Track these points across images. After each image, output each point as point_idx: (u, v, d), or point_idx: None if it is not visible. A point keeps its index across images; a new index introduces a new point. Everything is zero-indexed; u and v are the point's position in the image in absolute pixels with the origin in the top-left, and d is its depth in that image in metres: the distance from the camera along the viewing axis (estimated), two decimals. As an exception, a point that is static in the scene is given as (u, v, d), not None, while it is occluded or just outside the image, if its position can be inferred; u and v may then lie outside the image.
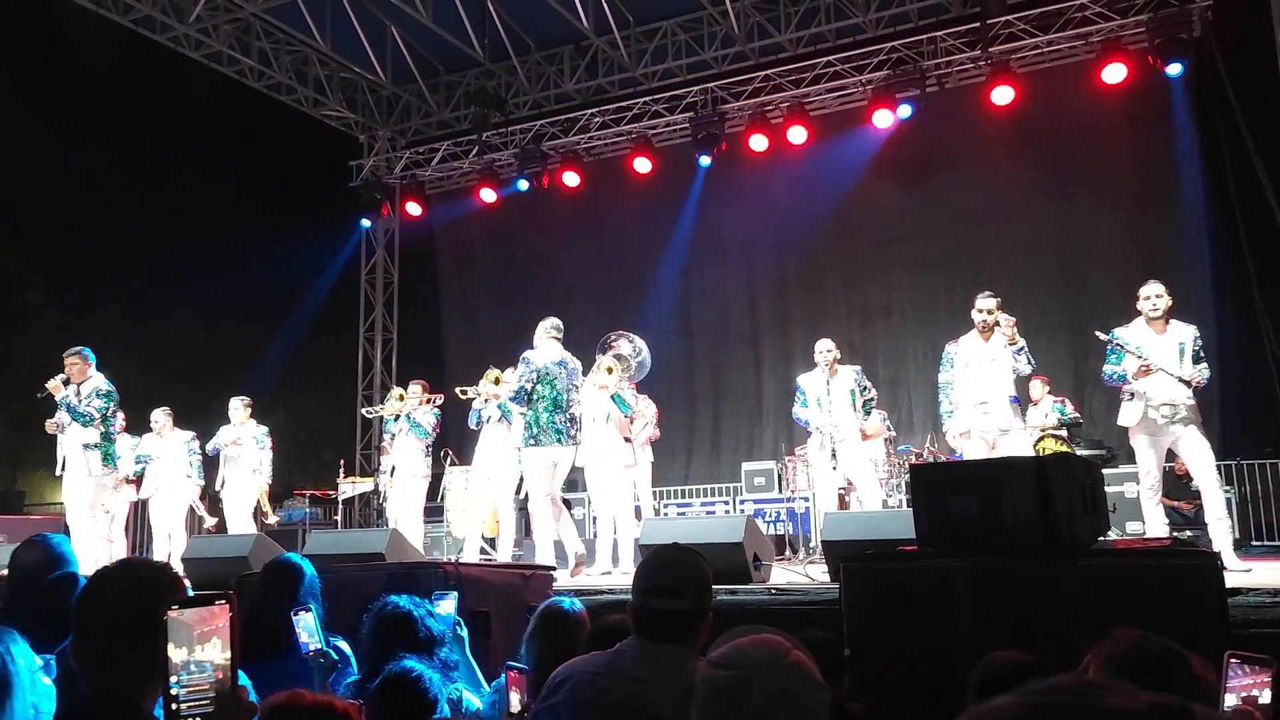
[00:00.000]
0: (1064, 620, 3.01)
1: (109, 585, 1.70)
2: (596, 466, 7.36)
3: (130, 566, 1.89)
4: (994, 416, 6.45)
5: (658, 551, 2.34)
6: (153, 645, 1.60)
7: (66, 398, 7.26)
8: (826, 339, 7.61)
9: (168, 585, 1.68)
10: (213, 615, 1.48)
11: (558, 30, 12.37)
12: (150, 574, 1.74)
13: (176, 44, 11.78)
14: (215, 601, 1.49)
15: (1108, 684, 0.56)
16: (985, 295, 6.73)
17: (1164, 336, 6.02)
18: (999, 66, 10.59)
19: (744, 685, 1.33)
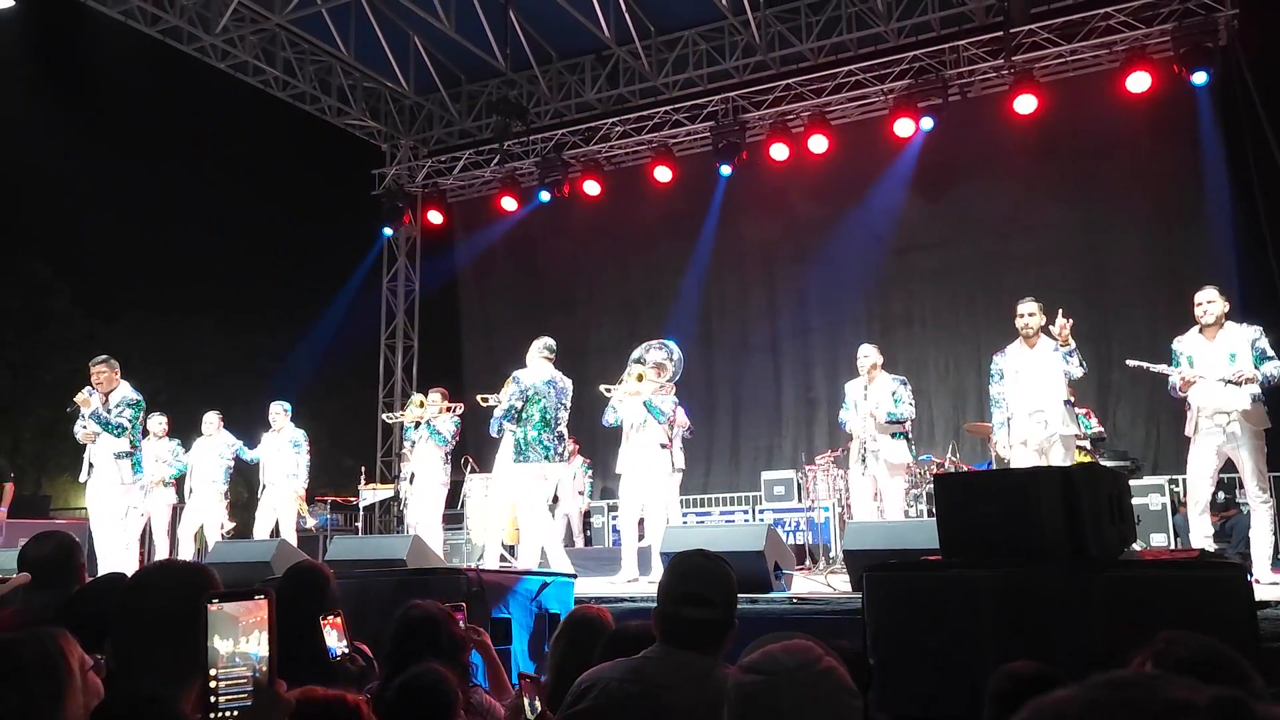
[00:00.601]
0: (1090, 632, 2.98)
1: (150, 586, 1.72)
2: (632, 474, 7.38)
3: (169, 567, 1.92)
4: (1051, 424, 6.34)
5: (685, 558, 2.33)
6: (191, 645, 1.62)
7: (96, 410, 7.31)
8: (867, 344, 7.62)
9: (206, 585, 1.70)
10: (253, 609, 1.49)
11: (579, 40, 12.43)
12: (189, 575, 1.76)
13: (203, 54, 11.91)
14: (255, 596, 1.51)
15: (1170, 677, 0.56)
16: (1025, 300, 6.63)
17: (1214, 343, 5.92)
18: (1022, 75, 10.55)
19: (776, 691, 1.33)
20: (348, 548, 6.68)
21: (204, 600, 1.49)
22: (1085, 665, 2.62)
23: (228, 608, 1.49)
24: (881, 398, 7.33)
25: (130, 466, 7.43)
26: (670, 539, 5.95)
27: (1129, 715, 0.53)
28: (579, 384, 13.25)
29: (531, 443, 7.05)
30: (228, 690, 1.47)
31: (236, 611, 1.49)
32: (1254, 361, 5.76)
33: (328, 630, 2.87)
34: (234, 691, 1.47)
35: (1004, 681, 2.25)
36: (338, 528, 12.14)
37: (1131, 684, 0.56)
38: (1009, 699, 2.21)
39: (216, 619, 1.48)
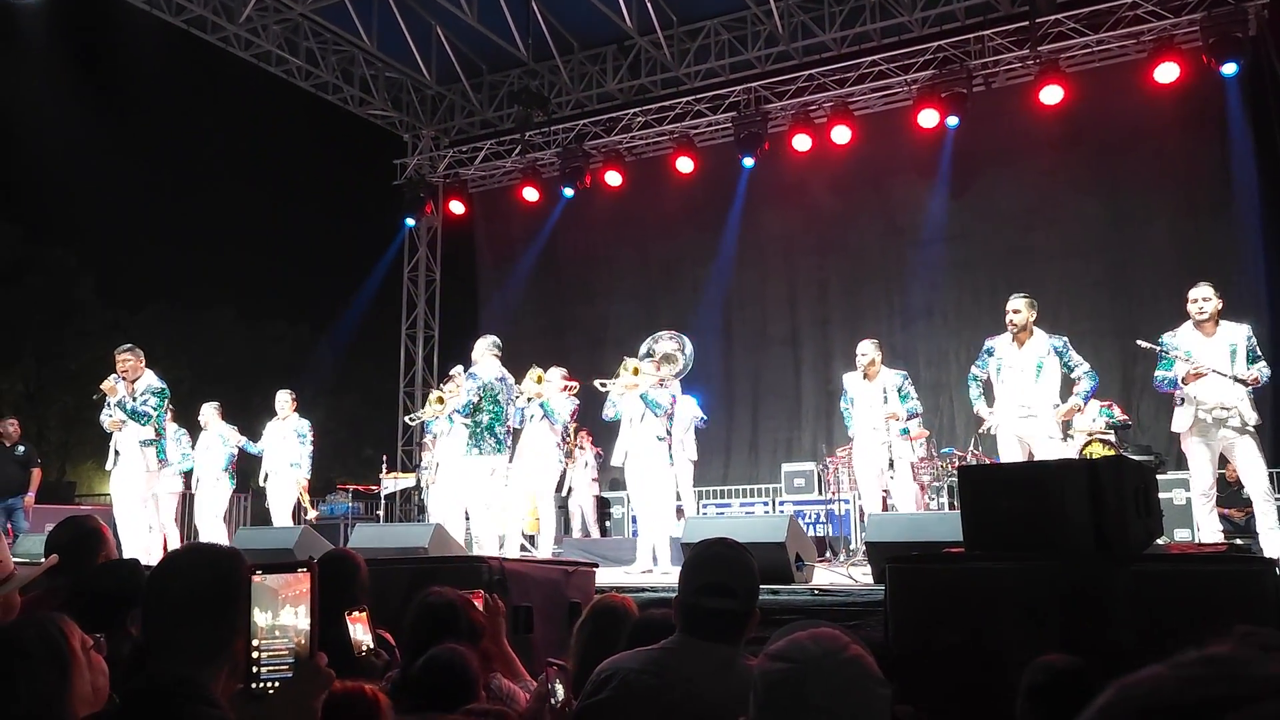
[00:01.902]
0: (1116, 625, 2.96)
1: (179, 568, 1.73)
2: (634, 467, 7.39)
3: (199, 550, 1.92)
4: (1039, 423, 6.36)
5: (706, 547, 2.32)
6: (221, 628, 1.63)
7: (122, 398, 7.38)
8: (866, 341, 7.62)
9: (236, 567, 1.70)
10: (295, 582, 1.50)
11: (601, 30, 12.41)
12: (219, 557, 1.77)
13: (227, 44, 11.96)
14: (298, 569, 1.51)
15: (1265, 655, 0.55)
16: (1014, 296, 6.65)
17: (1213, 339, 5.91)
18: (1047, 66, 10.45)
19: (803, 678, 1.32)
20: (370, 535, 6.71)
21: (248, 571, 1.50)
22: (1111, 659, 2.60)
23: (269, 580, 1.49)
24: (890, 395, 7.33)
25: (155, 454, 7.50)
26: (691, 530, 5.94)
27: (1227, 690, 0.52)
28: (597, 374, 13.36)
29: (486, 436, 7.27)
30: (269, 662, 1.47)
31: (277, 584, 1.49)
32: (1247, 360, 5.84)
33: (353, 625, 2.87)
34: (275, 663, 1.47)
35: (1039, 674, 2.23)
36: (359, 516, 12.21)
37: (1227, 660, 0.55)
38: (1046, 691, 2.20)
39: (258, 591, 1.48)
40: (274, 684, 1.47)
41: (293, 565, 1.52)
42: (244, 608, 1.53)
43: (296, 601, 1.49)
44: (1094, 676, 2.27)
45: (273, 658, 1.47)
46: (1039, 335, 6.56)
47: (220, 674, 1.63)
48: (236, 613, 1.62)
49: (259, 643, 1.48)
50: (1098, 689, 0.60)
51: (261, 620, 1.48)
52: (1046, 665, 2.34)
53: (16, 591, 2.33)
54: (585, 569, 5.04)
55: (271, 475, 9.09)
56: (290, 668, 1.47)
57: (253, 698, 1.46)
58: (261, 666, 1.47)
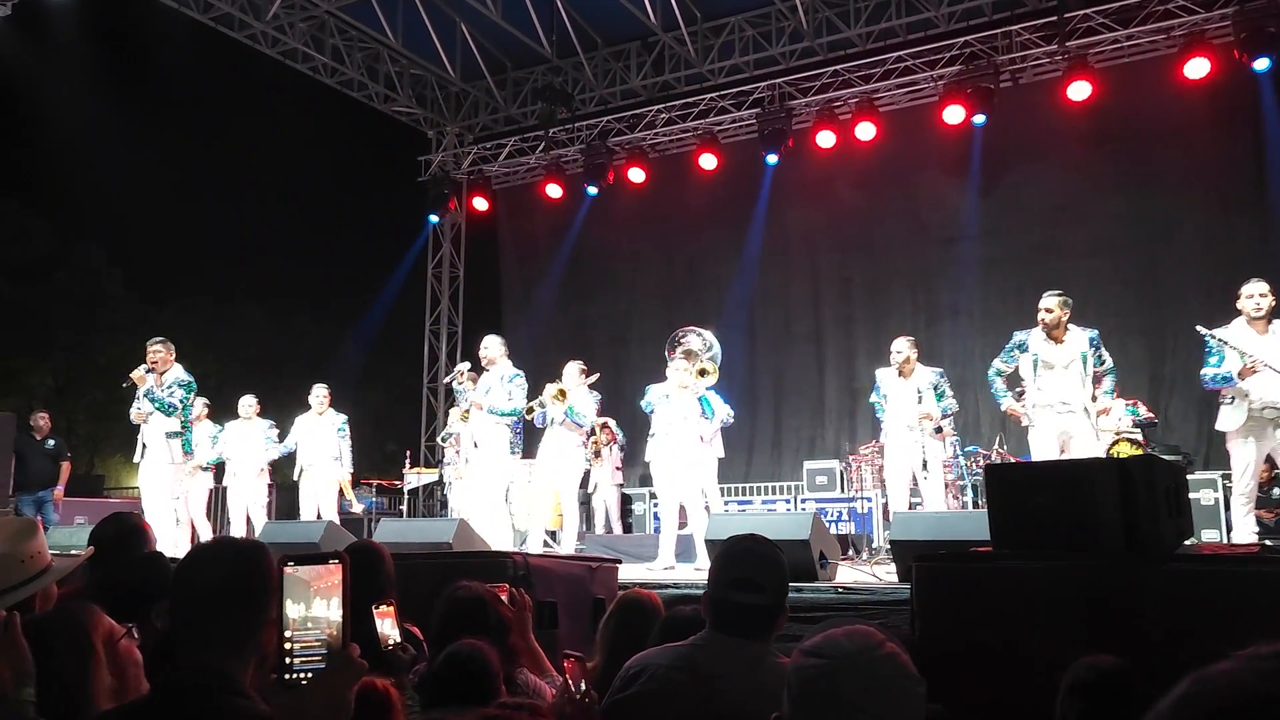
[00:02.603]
0: (1146, 626, 2.93)
1: (204, 562, 1.74)
2: (667, 465, 7.38)
3: (224, 544, 1.94)
4: (1075, 419, 6.29)
5: (735, 543, 2.32)
6: (247, 620, 1.64)
7: (149, 388, 7.47)
8: (901, 339, 7.58)
9: (260, 561, 1.71)
10: (327, 573, 1.50)
11: (625, 26, 12.41)
12: (243, 551, 1.78)
13: (254, 41, 12.05)
14: (329, 561, 1.52)
15: None
16: (1046, 294, 6.60)
17: (1266, 337, 5.83)
18: (1076, 61, 10.35)
19: (837, 675, 1.31)
20: (394, 530, 6.75)
21: (272, 563, 1.51)
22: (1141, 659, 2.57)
23: (301, 571, 1.50)
24: (924, 394, 7.27)
25: (181, 446, 7.58)
26: (715, 527, 5.95)
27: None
28: (620, 371, 13.44)
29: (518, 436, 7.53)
30: (302, 653, 1.48)
31: (309, 576, 1.50)
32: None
33: (380, 619, 2.88)
34: (308, 654, 1.48)
35: (1085, 673, 2.20)
36: (383, 511, 12.29)
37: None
38: (1090, 690, 2.17)
39: (290, 582, 1.49)
40: (307, 675, 1.47)
41: (324, 557, 1.53)
42: (276, 599, 1.54)
43: (328, 593, 1.50)
44: (1138, 679, 2.25)
45: (305, 649, 1.48)
46: (1075, 330, 6.51)
47: (249, 665, 1.65)
48: (262, 605, 1.63)
49: (291, 634, 1.48)
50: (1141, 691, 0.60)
51: (294, 612, 1.49)
52: (1092, 665, 2.31)
53: (54, 583, 2.37)
54: (608, 565, 5.05)
55: (309, 469, 9.07)
56: (323, 659, 1.48)
57: (286, 688, 1.47)
58: (294, 657, 1.47)
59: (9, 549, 2.17)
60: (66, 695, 1.73)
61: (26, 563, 2.26)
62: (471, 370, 8.87)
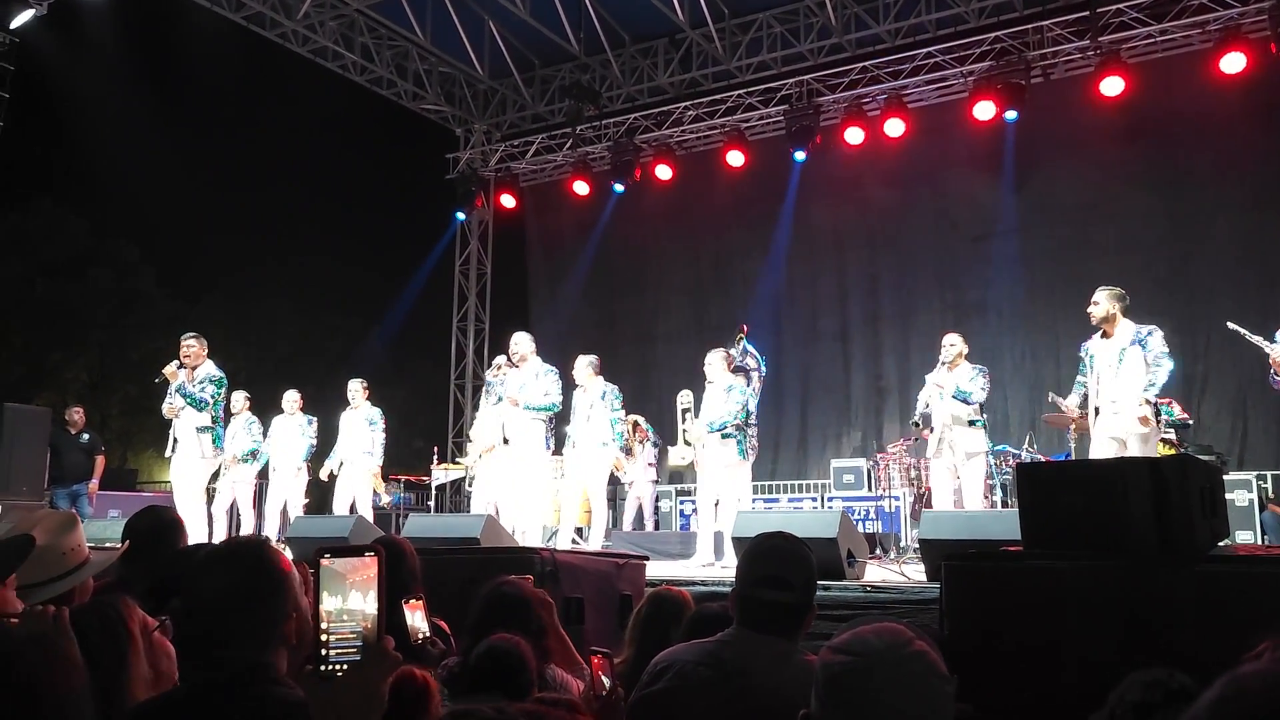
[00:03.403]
0: (1179, 627, 2.89)
1: (210, 569, 1.76)
2: (709, 465, 7.39)
3: (225, 549, 1.96)
4: (1125, 417, 6.17)
5: (763, 540, 2.31)
6: (265, 618, 1.66)
7: (181, 383, 7.56)
8: (953, 334, 7.52)
9: (264, 559, 1.73)
10: (362, 566, 1.51)
11: (653, 23, 12.40)
12: (244, 554, 1.79)
13: (285, 40, 12.15)
14: (365, 553, 1.53)
15: None
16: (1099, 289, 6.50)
17: None
18: (1108, 57, 10.23)
19: (866, 672, 1.31)
20: (422, 525, 6.80)
21: (317, 555, 1.52)
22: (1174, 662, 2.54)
23: (337, 564, 1.51)
24: (960, 381, 7.20)
25: (211, 441, 7.65)
26: (743, 524, 5.94)
27: None
28: (647, 369, 13.46)
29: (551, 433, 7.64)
30: (337, 645, 1.49)
31: (344, 569, 1.51)
32: None
33: (410, 612, 2.90)
34: (343, 646, 1.49)
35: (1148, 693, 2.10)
36: (411, 506, 12.37)
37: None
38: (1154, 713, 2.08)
39: (326, 575, 1.50)
40: (342, 666, 1.49)
41: (360, 549, 1.54)
42: (297, 586, 1.55)
43: (364, 586, 1.51)
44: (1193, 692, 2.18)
45: (340, 641, 1.49)
46: (1125, 325, 6.36)
47: (280, 657, 1.66)
48: (275, 601, 1.65)
49: (327, 626, 1.50)
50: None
51: (329, 604, 1.50)
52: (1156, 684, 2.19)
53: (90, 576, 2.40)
54: (636, 562, 5.06)
55: (346, 464, 9.15)
56: (358, 651, 1.49)
57: (321, 679, 1.48)
58: (330, 649, 1.49)
59: (51, 541, 2.20)
60: (103, 685, 1.76)
61: (67, 555, 2.29)
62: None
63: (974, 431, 7.10)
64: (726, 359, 7.68)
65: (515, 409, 7.58)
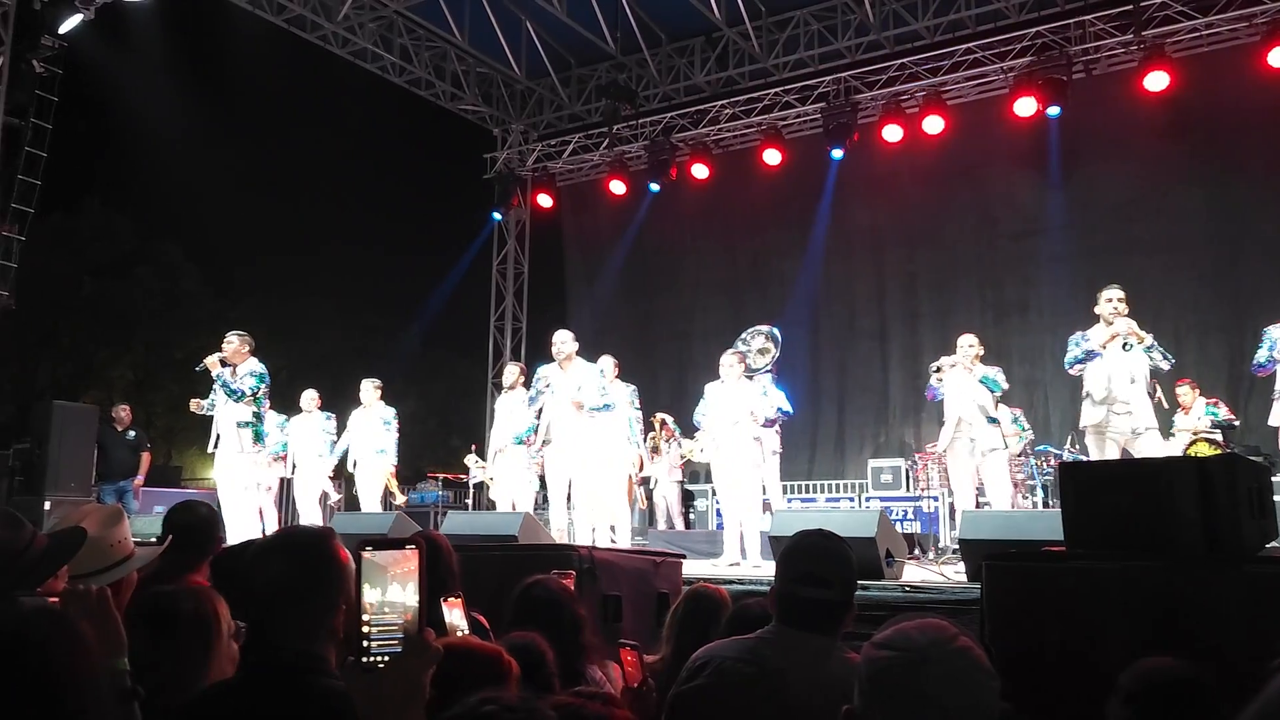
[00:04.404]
0: (1226, 630, 2.85)
1: (266, 556, 1.79)
2: (725, 464, 7.39)
3: (285, 537, 1.99)
4: (1135, 417, 6.15)
5: (803, 537, 2.31)
6: (315, 609, 1.68)
7: (222, 375, 7.66)
8: (970, 334, 7.52)
9: (326, 548, 1.75)
10: (403, 559, 1.53)
11: (689, 22, 12.39)
12: (304, 542, 1.81)
13: (325, 42, 12.29)
14: (405, 546, 1.54)
15: None
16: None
17: None
18: (1152, 51, 10.07)
19: (911, 667, 1.31)
20: (460, 523, 6.85)
21: (338, 549, 1.54)
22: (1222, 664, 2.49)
23: (378, 556, 1.52)
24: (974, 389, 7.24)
25: (251, 435, 7.73)
26: (780, 523, 5.92)
27: None
28: (683, 368, 13.45)
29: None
30: (379, 637, 1.51)
31: (385, 561, 1.52)
32: None
33: (449, 609, 2.92)
34: (384, 638, 1.51)
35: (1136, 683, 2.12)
36: (449, 504, 12.46)
37: None
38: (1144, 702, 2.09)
39: (368, 567, 1.52)
40: (384, 658, 1.50)
41: (401, 542, 1.55)
42: (348, 585, 1.57)
43: (405, 578, 1.52)
44: (1201, 688, 2.17)
45: (382, 633, 1.51)
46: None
47: (329, 649, 1.69)
48: (327, 593, 1.67)
49: (369, 618, 1.51)
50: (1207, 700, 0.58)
51: (371, 596, 1.51)
52: (1146, 673, 2.21)
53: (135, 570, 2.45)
54: (673, 560, 5.06)
55: (360, 463, 9.25)
56: (399, 643, 1.50)
57: (364, 671, 1.50)
58: (372, 641, 1.50)
59: (98, 534, 2.25)
60: (180, 674, 1.79)
61: (114, 548, 2.34)
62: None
63: (993, 429, 7.12)
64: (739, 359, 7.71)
65: (580, 412, 7.45)
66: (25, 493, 9.69)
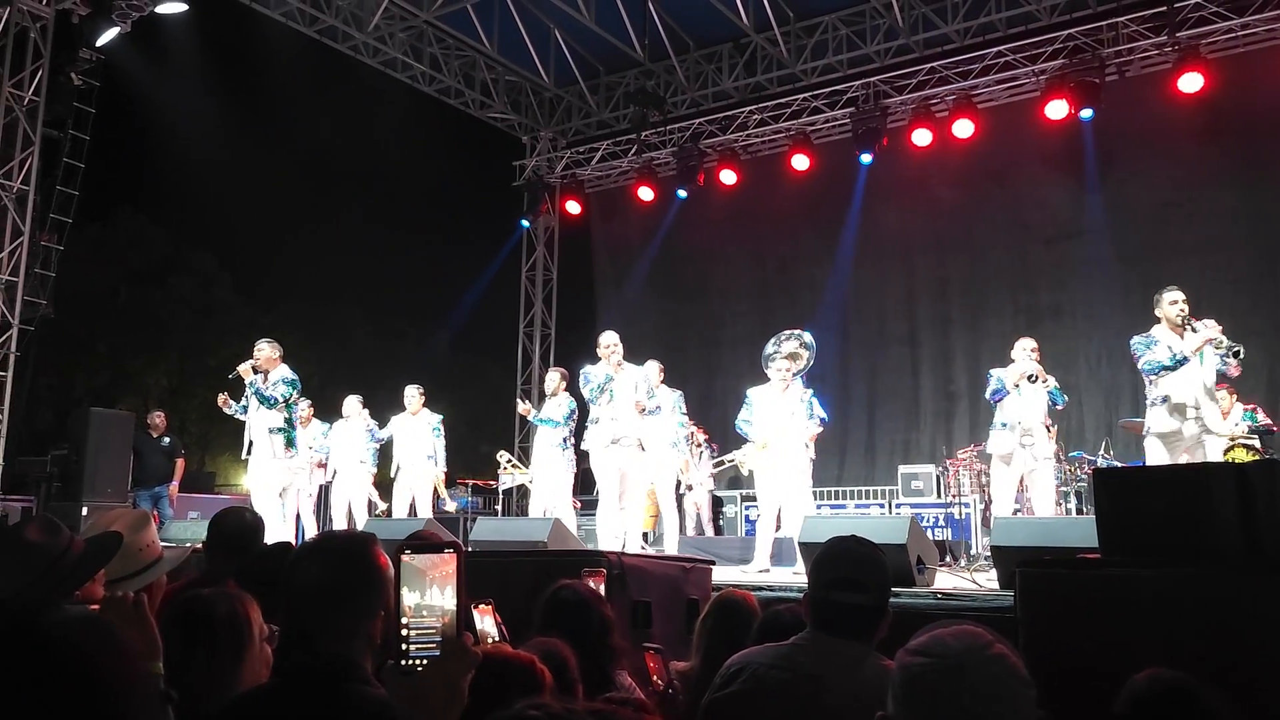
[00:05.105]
0: (1267, 638, 2.80)
1: (309, 559, 1.80)
2: (775, 469, 7.37)
3: (328, 540, 2.00)
4: (1205, 423, 6.04)
5: (836, 543, 2.30)
6: (352, 613, 1.69)
7: (255, 382, 7.76)
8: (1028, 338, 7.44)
9: (368, 553, 1.76)
10: (441, 562, 1.54)
11: (717, 28, 12.40)
12: (346, 546, 1.82)
13: (356, 52, 12.40)
14: (444, 549, 1.55)
15: None
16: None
17: None
18: (1187, 52, 9.95)
19: (945, 674, 1.29)
20: (490, 529, 6.88)
21: (380, 553, 1.54)
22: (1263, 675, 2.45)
23: (417, 560, 1.53)
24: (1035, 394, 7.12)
25: (283, 441, 7.82)
26: (810, 529, 5.90)
27: None
28: (712, 374, 13.43)
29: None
30: (418, 639, 1.51)
31: (424, 565, 1.53)
32: None
33: (480, 616, 2.93)
34: (423, 641, 1.52)
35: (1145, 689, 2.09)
36: (478, 510, 12.50)
37: None
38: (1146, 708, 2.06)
39: (407, 571, 1.53)
40: (422, 661, 1.51)
41: (439, 546, 1.56)
42: (388, 590, 1.58)
43: (443, 582, 1.53)
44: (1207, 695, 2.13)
45: (421, 635, 1.52)
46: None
47: (366, 655, 1.70)
48: (366, 598, 1.68)
49: (408, 621, 1.52)
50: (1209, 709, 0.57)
51: (410, 599, 1.52)
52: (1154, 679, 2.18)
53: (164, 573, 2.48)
54: (703, 566, 5.04)
55: (405, 468, 9.23)
56: (438, 645, 1.51)
57: (403, 674, 1.51)
58: (410, 644, 1.51)
59: (128, 538, 2.27)
60: (214, 678, 1.81)
61: (143, 552, 2.37)
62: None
63: (1047, 437, 7.03)
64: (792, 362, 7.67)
65: (641, 414, 7.38)
66: (63, 498, 9.83)
